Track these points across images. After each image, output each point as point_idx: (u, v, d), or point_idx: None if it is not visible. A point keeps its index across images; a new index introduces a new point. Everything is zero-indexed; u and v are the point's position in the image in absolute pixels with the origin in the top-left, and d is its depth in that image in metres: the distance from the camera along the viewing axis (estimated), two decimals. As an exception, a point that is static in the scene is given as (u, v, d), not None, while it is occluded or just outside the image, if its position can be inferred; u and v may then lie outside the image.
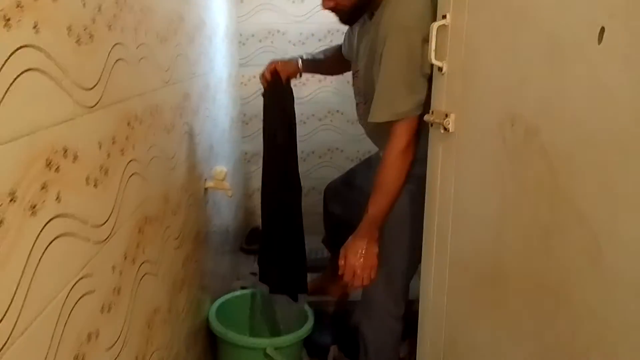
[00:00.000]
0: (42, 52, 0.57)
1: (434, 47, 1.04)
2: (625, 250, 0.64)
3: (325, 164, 2.67)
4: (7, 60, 0.50)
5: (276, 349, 1.45)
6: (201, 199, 1.50)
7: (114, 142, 0.79)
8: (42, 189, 0.57)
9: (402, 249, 1.39)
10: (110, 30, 0.78)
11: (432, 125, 1.12)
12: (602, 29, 0.66)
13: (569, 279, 0.74)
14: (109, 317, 0.76)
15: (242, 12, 2.39)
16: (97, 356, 0.72)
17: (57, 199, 0.61)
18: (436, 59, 1.04)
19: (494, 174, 0.92)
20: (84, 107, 0.68)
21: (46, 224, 0.58)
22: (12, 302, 0.51)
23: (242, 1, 2.40)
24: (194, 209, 1.39)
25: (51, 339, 0.59)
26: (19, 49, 0.52)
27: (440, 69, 1.05)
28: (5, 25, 0.50)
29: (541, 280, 0.80)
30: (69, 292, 0.63)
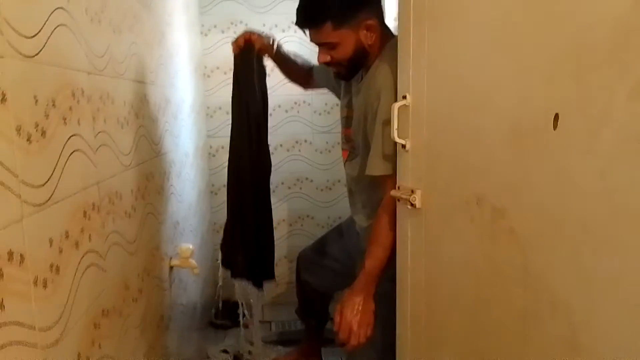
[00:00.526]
0: (-12, 156, 0.54)
1: (396, 126, 1.05)
2: (603, 337, 0.63)
3: (296, 231, 2.64)
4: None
5: None
6: (165, 280, 1.43)
7: (67, 237, 0.75)
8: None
9: (388, 325, 1.34)
10: (65, 123, 0.76)
11: (399, 200, 1.12)
12: (556, 115, 0.68)
13: (545, 364, 0.72)
14: None
15: (207, 45, 2.44)
16: None
17: (1, 307, 0.56)
18: (399, 137, 1.06)
19: (465, 253, 0.91)
20: (33, 205, 0.65)
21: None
22: None
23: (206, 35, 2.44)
24: (157, 291, 1.33)
25: None
26: (-40, 156, 0.50)
27: (404, 146, 1.06)
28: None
29: (518, 364, 0.78)
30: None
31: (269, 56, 1.55)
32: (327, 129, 2.55)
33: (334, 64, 1.34)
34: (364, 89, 1.33)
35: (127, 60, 1.12)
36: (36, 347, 0.64)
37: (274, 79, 2.51)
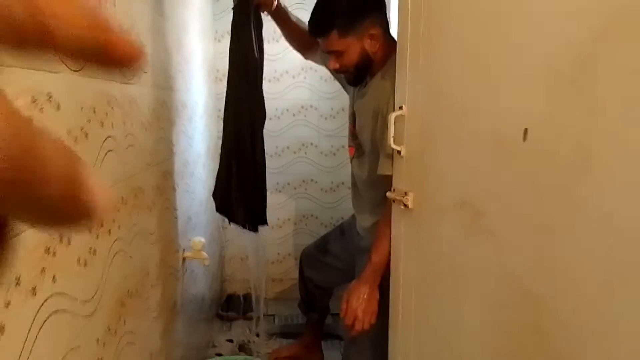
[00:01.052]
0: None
1: (392, 133, 1.16)
2: (563, 327, 0.73)
3: (300, 230, 2.75)
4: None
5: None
6: (179, 270, 1.55)
7: (102, 225, 0.87)
8: (41, 272, 0.64)
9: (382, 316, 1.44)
10: (102, 126, 0.87)
11: (394, 201, 1.23)
12: (526, 130, 0.79)
13: (516, 351, 0.82)
14: (91, 392, 0.80)
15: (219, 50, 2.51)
16: None
17: (54, 279, 0.67)
18: (395, 143, 1.17)
19: (450, 251, 1.02)
20: (78, 197, 0.76)
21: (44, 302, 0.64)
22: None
23: (219, 41, 2.55)
24: (172, 279, 1.45)
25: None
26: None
27: (399, 152, 1.17)
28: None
29: (493, 350, 0.88)
30: (57, 369, 0.69)
31: (269, 12, 1.59)
32: (333, 132, 2.66)
33: (342, 71, 1.46)
34: (370, 94, 1.45)
35: (150, 69, 1.24)
36: (77, 316, 0.76)
37: (282, 84, 2.63)
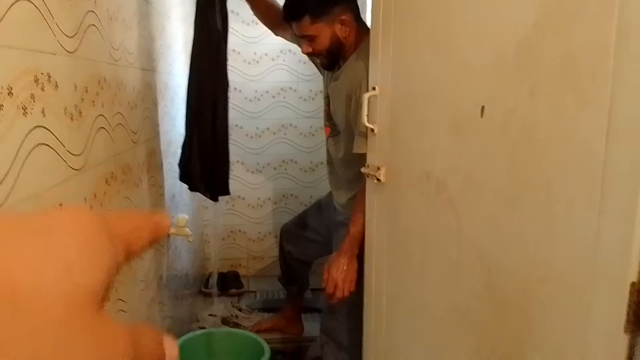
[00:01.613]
0: (48, 130, 0.72)
1: (366, 112, 1.24)
2: (510, 280, 0.83)
3: (280, 209, 2.83)
4: (25, 137, 0.65)
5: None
6: (164, 246, 1.62)
7: (95, 197, 0.93)
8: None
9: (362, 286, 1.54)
10: (93, 105, 0.94)
11: (367, 176, 1.32)
12: (483, 107, 0.88)
13: (471, 304, 0.93)
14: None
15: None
16: None
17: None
18: (368, 122, 1.25)
19: (416, 219, 1.11)
20: (74, 170, 0.83)
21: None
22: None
23: None
24: (158, 254, 1.52)
25: None
26: (33, 129, 0.68)
27: (372, 129, 1.26)
28: (23, 113, 0.66)
29: (453, 305, 0.99)
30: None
31: None
32: (312, 114, 2.74)
33: (315, 55, 1.53)
34: (343, 77, 1.53)
35: (135, 51, 1.29)
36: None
37: (261, 67, 2.69)
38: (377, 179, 1.24)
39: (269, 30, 1.87)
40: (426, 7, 1.04)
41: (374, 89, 1.24)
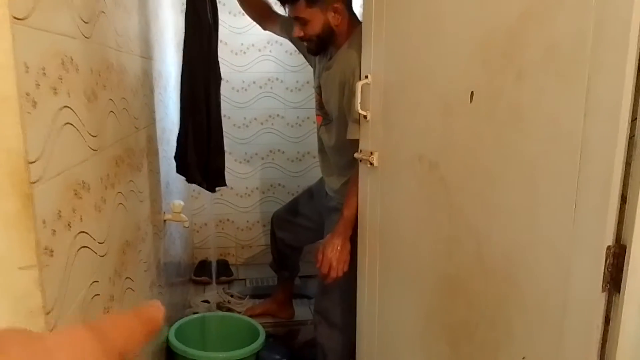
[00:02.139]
0: (72, 110, 0.77)
1: (359, 100, 1.31)
2: (498, 249, 0.92)
3: (268, 198, 2.88)
4: (56, 116, 0.70)
5: (231, 363, 1.62)
6: (161, 230, 1.66)
7: (108, 177, 0.98)
8: (72, 211, 0.76)
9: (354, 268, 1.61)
10: (105, 89, 0.98)
11: (361, 161, 1.38)
12: (472, 92, 0.95)
13: (462, 274, 1.01)
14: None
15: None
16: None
17: (81, 219, 0.79)
18: (361, 109, 1.32)
19: (409, 199, 1.19)
20: (93, 150, 0.88)
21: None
22: (58, 293, 0.69)
23: None
24: (157, 238, 1.56)
25: (77, 322, 0.76)
26: (62, 108, 0.72)
27: (365, 116, 1.33)
28: (54, 92, 0.70)
29: (444, 277, 1.07)
30: (87, 290, 0.81)
31: None
32: (299, 104, 2.79)
33: (305, 39, 1.59)
34: (336, 66, 1.59)
35: (135, 38, 1.33)
36: (97, 254, 0.88)
37: (249, 57, 2.73)
38: (370, 164, 1.31)
39: (257, 24, 1.93)
40: (417, 1, 1.11)
41: (366, 77, 1.31)
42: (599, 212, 0.73)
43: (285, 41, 2.08)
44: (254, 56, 2.75)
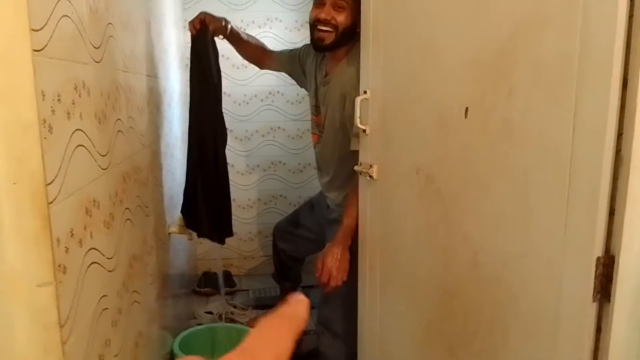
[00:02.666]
0: (84, 132, 0.81)
1: (358, 114, 1.35)
2: (492, 258, 0.95)
3: (270, 210, 2.92)
4: (69, 139, 0.74)
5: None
6: (166, 243, 1.70)
7: (116, 194, 1.02)
8: (84, 228, 0.79)
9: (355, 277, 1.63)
10: (114, 110, 1.02)
11: (360, 173, 1.42)
12: (467, 108, 0.99)
13: (459, 283, 1.04)
14: (116, 330, 0.96)
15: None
16: (109, 357, 0.92)
17: (91, 236, 0.83)
18: (361, 123, 1.35)
19: (407, 211, 1.22)
20: (102, 169, 0.92)
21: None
22: (71, 308, 0.72)
23: None
24: (162, 251, 1.60)
25: (88, 337, 0.80)
26: (75, 131, 0.76)
27: (364, 130, 1.36)
28: (68, 117, 0.74)
29: (442, 286, 1.10)
30: (96, 304, 0.85)
31: (224, 36, 1.74)
32: (299, 117, 2.83)
33: (330, 24, 1.55)
34: (335, 80, 1.62)
35: (141, 58, 1.37)
36: (105, 269, 0.92)
37: (250, 71, 2.78)
38: (370, 176, 1.35)
39: (255, 65, 2.06)
40: (413, 17, 1.15)
41: (365, 92, 1.35)
42: (588, 224, 0.76)
43: (273, 48, 2.09)
44: (255, 70, 2.78)
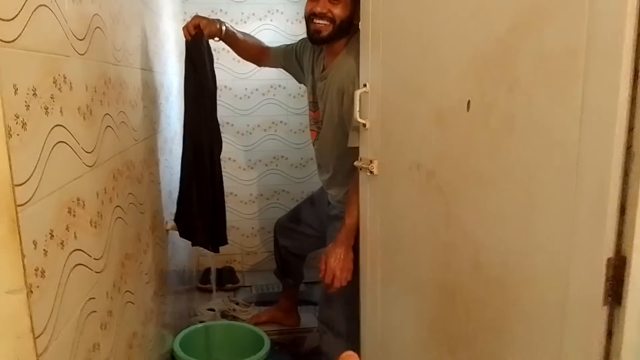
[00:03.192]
0: (65, 128, 0.77)
1: (358, 108, 1.31)
2: (494, 257, 0.90)
3: (272, 205, 2.88)
4: (47, 135, 0.70)
5: (236, 372, 1.61)
6: (164, 240, 1.67)
7: (105, 192, 0.98)
8: (66, 229, 0.76)
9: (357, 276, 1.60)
10: (101, 104, 0.98)
11: (361, 169, 1.38)
12: (469, 101, 0.94)
13: (461, 282, 1.00)
14: (106, 333, 0.93)
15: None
16: (96, 366, 0.89)
17: (75, 236, 0.79)
18: (360, 117, 1.31)
19: (408, 207, 1.18)
20: (88, 166, 0.88)
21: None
22: (50, 314, 0.69)
23: None
24: (159, 248, 1.57)
25: (72, 343, 0.76)
26: (54, 127, 0.73)
27: (364, 125, 1.32)
28: (45, 112, 0.70)
29: (443, 284, 1.06)
30: (82, 308, 0.81)
31: (219, 38, 1.71)
32: (301, 110, 2.79)
33: (326, 17, 1.51)
34: (333, 74, 1.58)
35: (135, 51, 1.34)
36: (92, 271, 0.88)
37: (251, 65, 2.72)
38: (370, 172, 1.31)
39: (253, 64, 2.03)
40: (412, 9, 1.10)
41: (364, 86, 1.30)
42: (597, 223, 0.72)
43: (269, 44, 2.04)
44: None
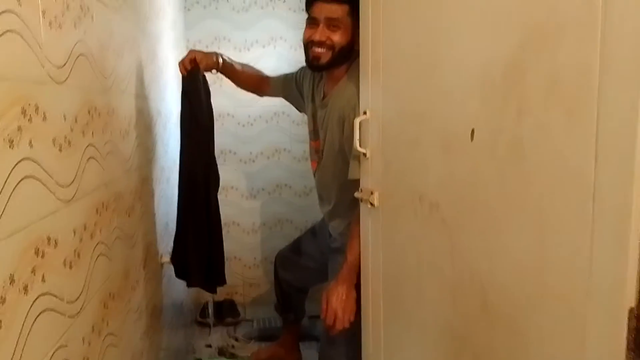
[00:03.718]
0: (35, 162, 0.72)
1: (358, 137, 1.25)
2: (504, 299, 0.82)
3: (275, 234, 2.81)
4: (11, 171, 0.65)
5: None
6: (158, 274, 1.60)
7: (85, 229, 0.92)
8: (31, 272, 0.69)
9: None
10: (84, 135, 0.93)
11: (361, 200, 1.31)
12: (473, 130, 0.88)
13: (469, 326, 0.91)
14: (79, 383, 0.86)
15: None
16: (67, 420, 0.81)
17: (43, 279, 0.73)
18: (360, 146, 1.25)
19: (410, 242, 1.11)
20: (63, 201, 0.82)
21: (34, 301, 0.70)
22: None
23: None
24: (152, 283, 1.50)
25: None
26: (20, 161, 0.67)
27: (364, 154, 1.26)
28: (10, 145, 0.65)
29: (450, 327, 0.97)
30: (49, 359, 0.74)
31: (217, 70, 1.67)
32: (305, 138, 2.70)
33: (325, 45, 1.46)
34: (333, 102, 1.53)
35: (127, 78, 1.29)
36: (65, 315, 0.81)
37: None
38: (371, 204, 1.24)
39: (254, 94, 1.96)
40: (413, 33, 1.05)
41: (365, 113, 1.25)
42: (617, 268, 0.64)
43: (269, 74, 2.00)
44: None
